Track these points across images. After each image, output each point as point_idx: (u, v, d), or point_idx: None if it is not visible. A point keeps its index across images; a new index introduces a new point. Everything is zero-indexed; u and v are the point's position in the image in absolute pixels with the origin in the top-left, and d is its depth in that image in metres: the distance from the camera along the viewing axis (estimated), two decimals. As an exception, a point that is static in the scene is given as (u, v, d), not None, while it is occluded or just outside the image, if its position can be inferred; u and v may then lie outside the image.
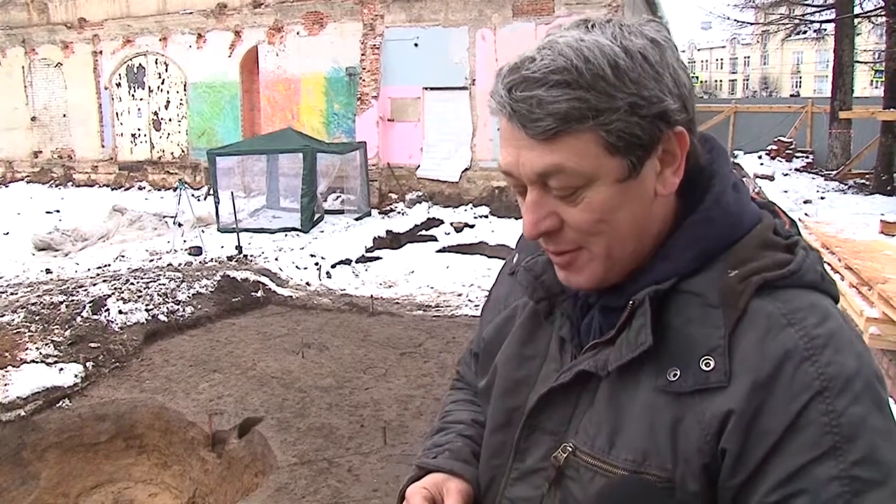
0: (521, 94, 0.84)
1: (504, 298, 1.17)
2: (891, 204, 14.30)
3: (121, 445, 6.13)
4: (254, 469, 5.46)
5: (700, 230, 0.91)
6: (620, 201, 0.88)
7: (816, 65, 58.70)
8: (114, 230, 13.87)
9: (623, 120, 0.84)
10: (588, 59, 0.82)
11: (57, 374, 6.43)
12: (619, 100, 0.83)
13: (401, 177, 16.63)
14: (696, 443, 0.83)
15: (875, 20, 19.78)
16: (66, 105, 21.98)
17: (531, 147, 0.86)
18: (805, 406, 0.78)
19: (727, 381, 0.82)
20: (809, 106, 21.65)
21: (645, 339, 0.86)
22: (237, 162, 15.29)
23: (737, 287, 0.85)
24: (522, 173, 0.89)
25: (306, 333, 8.02)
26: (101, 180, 21.47)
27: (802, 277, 0.86)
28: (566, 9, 14.81)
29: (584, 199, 0.87)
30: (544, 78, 0.83)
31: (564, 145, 0.84)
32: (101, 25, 20.85)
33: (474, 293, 10.10)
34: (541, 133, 0.84)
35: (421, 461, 1.12)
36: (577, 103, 0.82)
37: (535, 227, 0.91)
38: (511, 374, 1.06)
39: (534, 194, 0.90)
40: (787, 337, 0.81)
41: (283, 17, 17.99)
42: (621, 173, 0.86)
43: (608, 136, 0.84)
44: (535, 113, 0.83)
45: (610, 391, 0.91)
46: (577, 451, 0.92)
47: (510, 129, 0.88)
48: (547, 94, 0.83)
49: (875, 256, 6.72)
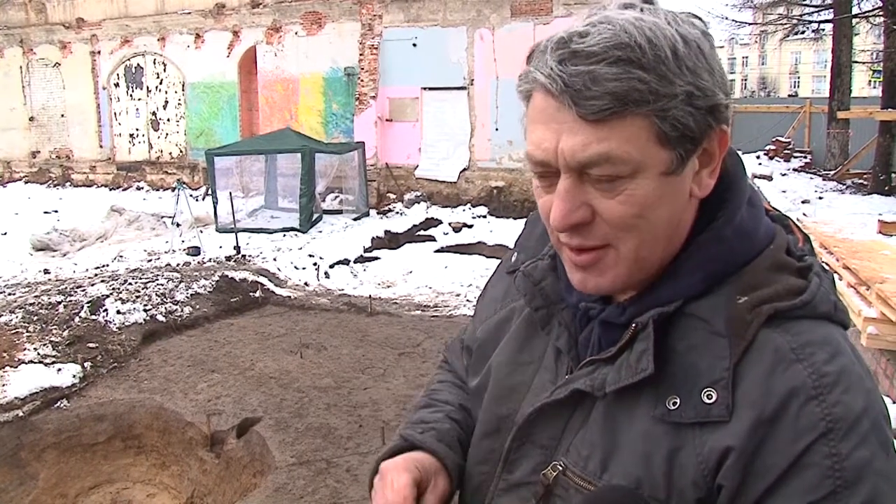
0: (575, 68, 0.77)
1: (501, 298, 1.13)
2: (889, 204, 14.32)
3: (119, 446, 6.12)
4: (252, 469, 5.46)
5: (711, 250, 0.86)
6: (660, 197, 0.82)
7: (814, 65, 58.76)
8: (112, 230, 13.86)
9: (679, 108, 0.79)
10: (650, 40, 0.77)
11: (55, 375, 6.43)
12: (678, 87, 0.78)
13: (399, 177, 16.63)
14: (691, 476, 0.79)
15: (873, 20, 19.81)
16: (64, 105, 21.97)
17: (577, 129, 0.79)
18: (808, 447, 0.74)
19: (728, 416, 0.78)
20: (807, 106, 21.67)
21: (647, 366, 0.82)
22: (235, 162, 15.29)
23: (745, 316, 0.81)
24: (561, 158, 0.81)
25: (305, 333, 8.01)
26: (99, 180, 21.46)
27: (816, 308, 0.82)
28: (564, 9, 14.81)
29: (624, 191, 0.81)
30: (604, 53, 0.77)
31: (615, 129, 0.78)
32: (100, 25, 20.84)
33: (472, 293, 10.10)
34: (594, 113, 0.77)
35: (407, 433, 1.08)
36: (638, 84, 0.77)
37: (566, 219, 0.83)
38: (505, 379, 1.02)
39: (568, 182, 0.82)
40: (795, 373, 0.77)
41: (281, 17, 17.99)
42: (668, 166, 0.81)
43: (662, 124, 0.79)
44: (590, 90, 0.77)
45: (605, 413, 0.87)
46: (567, 471, 0.89)
47: (553, 108, 0.80)
48: (606, 70, 0.76)
49: (873, 256, 6.73)
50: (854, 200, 14.96)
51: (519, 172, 15.58)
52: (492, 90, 15.65)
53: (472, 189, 16.04)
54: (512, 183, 15.66)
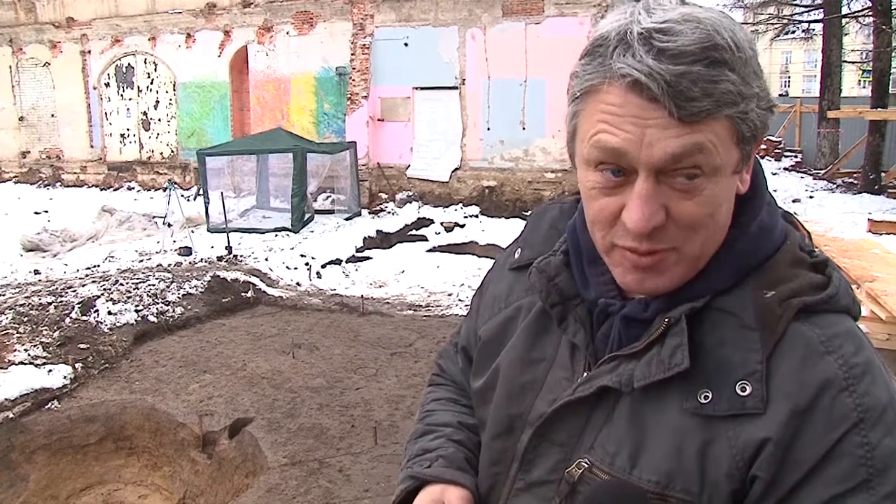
0: (676, 68, 0.76)
1: (505, 296, 1.11)
2: (878, 202, 14.43)
3: (110, 447, 6.11)
4: (244, 470, 5.45)
5: (739, 246, 0.87)
6: (726, 195, 0.84)
7: (805, 64, 58.96)
8: (103, 231, 13.80)
9: (755, 110, 0.81)
10: (737, 42, 0.78)
11: (45, 376, 6.40)
12: (754, 88, 0.80)
13: (391, 176, 16.62)
14: (726, 468, 0.80)
15: (862, 20, 19.94)
16: (54, 105, 21.85)
17: (667, 126, 0.78)
18: (841, 437, 0.76)
19: (763, 408, 0.79)
20: (798, 105, 21.79)
21: (681, 361, 0.83)
22: (227, 162, 15.22)
23: (776, 310, 0.82)
24: (646, 154, 0.79)
25: (297, 334, 8.00)
26: (89, 181, 21.36)
27: (839, 302, 0.84)
28: (556, 8, 14.83)
29: (704, 191, 0.81)
30: (701, 53, 0.76)
31: (707, 128, 0.78)
32: (90, 25, 20.75)
33: (465, 293, 10.10)
34: (693, 115, 0.77)
35: (414, 471, 1.06)
36: (731, 86, 0.77)
37: (649, 222, 0.81)
38: (516, 378, 1.01)
39: (649, 184, 0.81)
40: (827, 365, 0.79)
41: (272, 16, 17.96)
42: (737, 165, 0.83)
43: (741, 126, 0.80)
44: (692, 91, 0.76)
45: (631, 408, 0.87)
46: (593, 468, 0.88)
47: (640, 105, 0.79)
48: (706, 72, 0.76)
49: (863, 255, 6.78)
50: (844, 199, 15.06)
51: (511, 172, 15.60)
52: (483, 90, 15.65)
53: (463, 189, 16.04)
54: (504, 182, 15.67)
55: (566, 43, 13.97)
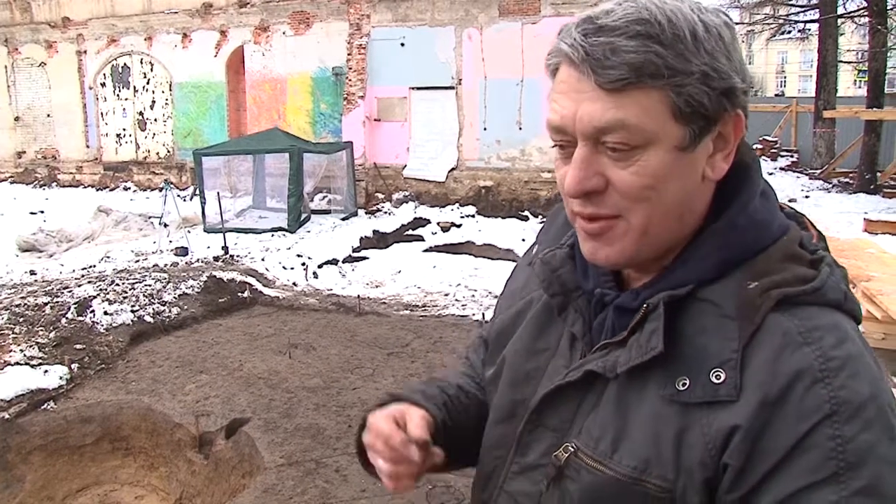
0: (597, 40, 0.82)
1: (520, 290, 1.16)
2: (874, 202, 14.46)
3: (107, 447, 6.10)
4: (241, 470, 5.44)
5: (724, 237, 0.88)
6: (672, 171, 0.85)
7: (801, 64, 59.03)
8: (99, 231, 13.77)
9: (694, 86, 0.82)
10: (671, 19, 0.81)
11: (42, 377, 6.39)
12: (694, 65, 0.82)
13: (387, 176, 16.61)
14: (699, 455, 0.81)
15: (858, 20, 19.99)
16: (49, 105, 21.81)
17: (595, 98, 0.83)
18: (811, 429, 0.76)
19: (736, 396, 0.80)
20: (794, 105, 21.82)
21: (656, 344, 0.85)
22: (223, 162, 15.21)
23: (755, 300, 0.83)
24: (579, 126, 0.85)
25: (293, 334, 8.00)
26: (85, 181, 21.32)
27: (825, 295, 0.84)
28: (552, 8, 14.84)
29: (637, 161, 0.84)
30: (625, 27, 0.81)
31: (632, 100, 0.82)
32: (86, 25, 20.71)
33: (461, 293, 10.10)
34: (611, 82, 0.81)
35: (393, 392, 1.14)
36: (655, 58, 0.81)
37: (581, 185, 0.86)
38: (520, 366, 1.05)
39: (584, 150, 0.86)
40: (802, 356, 0.79)
41: (269, 16, 17.94)
42: (681, 141, 0.84)
43: (677, 99, 0.82)
44: (609, 59, 0.81)
45: (617, 394, 0.89)
46: (578, 452, 0.90)
47: (575, 78, 0.85)
48: (626, 42, 0.81)
49: (859, 254, 6.79)
50: (840, 199, 15.10)
51: (507, 172, 15.60)
52: (480, 90, 15.66)
53: (460, 189, 16.04)
54: (500, 182, 15.68)
55: (562, 43, 13.96)
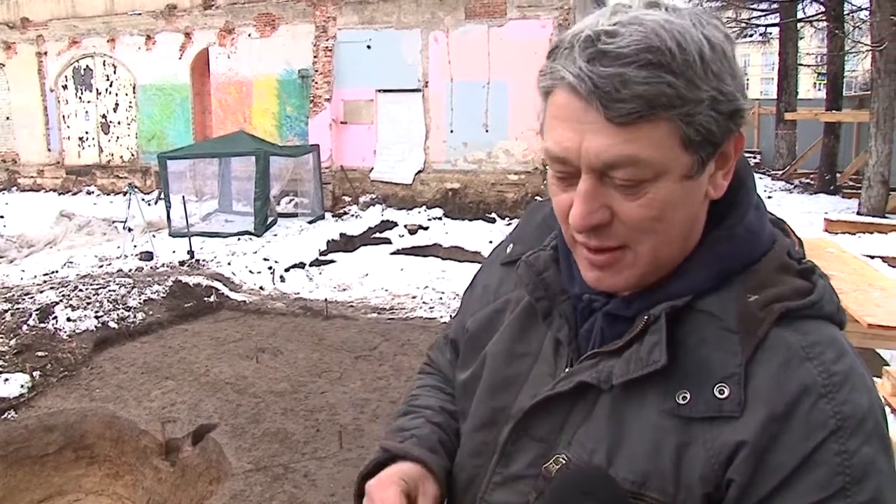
0: (605, 70, 0.77)
1: (494, 289, 1.11)
2: (834, 202, 14.77)
3: (70, 456, 6.02)
4: (208, 477, 5.41)
5: (722, 248, 0.87)
6: (680, 200, 0.83)
7: (763, 67, 59.94)
8: (61, 236, 13.57)
9: (704, 113, 0.79)
10: (680, 44, 0.77)
11: (2, 385, 6.29)
12: (704, 91, 0.78)
13: (354, 179, 16.57)
14: (700, 470, 0.80)
15: (817, 25, 20.36)
16: (9, 107, 21.38)
17: (602, 131, 0.79)
18: (819, 445, 0.76)
19: (740, 412, 0.79)
20: (756, 107, 22.15)
21: (659, 358, 0.83)
22: (189, 165, 15.05)
23: (758, 314, 0.82)
24: (584, 159, 0.81)
25: (260, 338, 7.96)
26: (47, 185, 20.95)
27: (822, 308, 0.84)
28: (518, 11, 14.92)
29: (646, 194, 0.81)
30: (635, 56, 0.76)
31: (642, 133, 0.78)
32: (46, 26, 20.35)
33: (429, 295, 10.12)
34: (622, 116, 0.77)
35: (387, 444, 1.06)
36: (667, 88, 0.77)
37: (587, 220, 0.83)
38: (500, 370, 1.01)
39: (589, 183, 0.82)
40: (806, 372, 0.78)
41: (234, 18, 17.79)
42: (689, 170, 0.82)
43: (687, 129, 0.79)
44: (620, 93, 0.76)
45: (611, 406, 0.87)
46: (570, 464, 0.88)
47: (579, 108, 0.80)
48: (636, 73, 0.76)
49: (820, 254, 6.91)
50: (801, 199, 15.40)
51: (474, 174, 15.65)
52: (447, 92, 15.69)
53: (427, 191, 16.06)
54: (467, 185, 15.72)
55: (528, 45, 14.06)
